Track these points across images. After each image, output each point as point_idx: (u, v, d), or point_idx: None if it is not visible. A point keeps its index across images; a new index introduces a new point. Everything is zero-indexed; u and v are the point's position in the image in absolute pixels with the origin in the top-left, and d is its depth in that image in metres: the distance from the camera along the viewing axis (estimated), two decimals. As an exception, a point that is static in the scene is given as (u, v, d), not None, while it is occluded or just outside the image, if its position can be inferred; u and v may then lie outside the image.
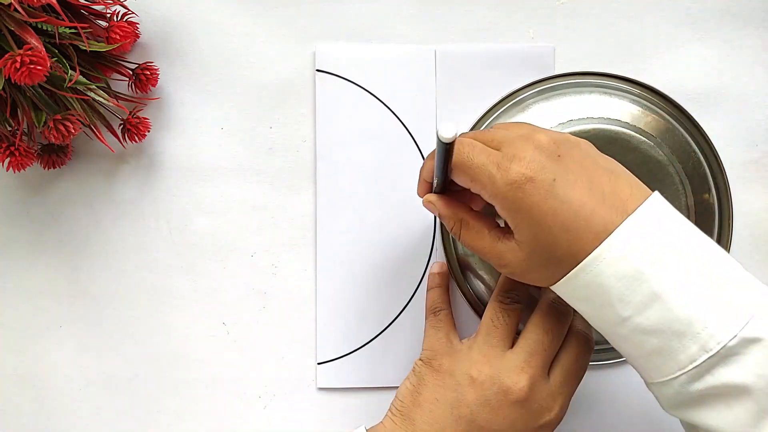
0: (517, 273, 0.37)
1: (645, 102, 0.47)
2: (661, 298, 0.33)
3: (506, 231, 0.37)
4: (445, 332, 0.44)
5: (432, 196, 0.40)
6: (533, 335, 0.40)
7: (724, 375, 0.32)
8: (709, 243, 0.34)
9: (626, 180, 0.35)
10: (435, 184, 0.39)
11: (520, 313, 0.42)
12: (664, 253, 0.33)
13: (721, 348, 0.32)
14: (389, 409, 0.42)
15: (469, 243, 0.38)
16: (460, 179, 0.37)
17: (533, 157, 0.34)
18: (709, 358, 0.32)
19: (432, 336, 0.44)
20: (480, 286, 0.47)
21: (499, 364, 0.39)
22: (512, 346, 0.41)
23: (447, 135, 0.32)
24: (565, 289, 0.35)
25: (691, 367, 0.33)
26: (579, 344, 0.41)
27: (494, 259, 0.38)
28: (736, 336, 0.32)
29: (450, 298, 0.46)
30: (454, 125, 0.33)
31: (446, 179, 0.38)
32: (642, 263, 0.33)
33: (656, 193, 0.35)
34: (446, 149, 0.34)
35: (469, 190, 0.37)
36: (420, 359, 0.43)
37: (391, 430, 0.41)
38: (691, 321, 0.32)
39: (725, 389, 0.32)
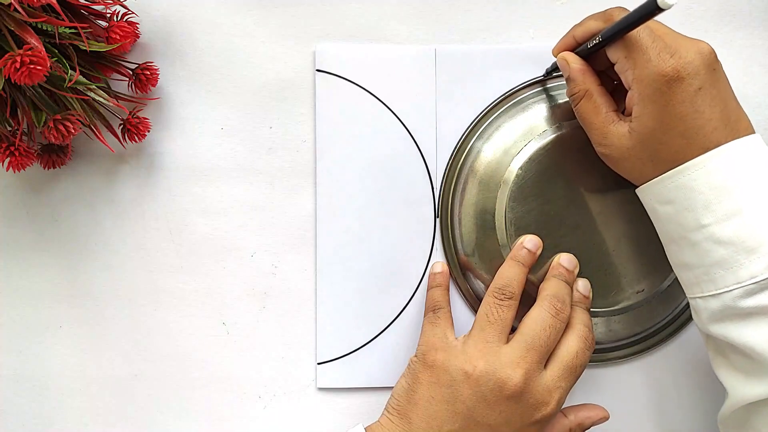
0: (613, 157, 0.39)
1: (645, 102, 0.47)
2: (743, 213, 0.35)
3: (622, 116, 0.39)
4: (442, 329, 0.44)
5: (570, 55, 0.41)
6: (530, 330, 0.40)
7: None
8: None
9: (746, 116, 0.38)
10: (583, 47, 0.40)
11: (515, 309, 0.42)
12: (758, 178, 0.35)
13: None
14: (386, 408, 0.43)
15: (583, 114, 0.40)
16: (616, 52, 0.38)
17: (692, 59, 0.36)
18: None
19: (428, 332, 0.44)
20: (480, 286, 0.47)
21: (494, 360, 0.39)
22: (507, 341, 0.41)
23: (671, 1, 0.33)
24: (655, 188, 0.38)
25: (749, 282, 0.35)
26: (579, 340, 0.41)
27: (599, 137, 0.40)
28: None
29: (449, 298, 0.46)
30: None
31: (600, 49, 0.39)
32: (736, 180, 0.35)
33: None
34: (649, 15, 0.35)
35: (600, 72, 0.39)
36: (415, 355, 0.43)
37: (389, 428, 0.41)
38: (765, 240, 0.35)
39: None
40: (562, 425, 0.43)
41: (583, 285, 0.44)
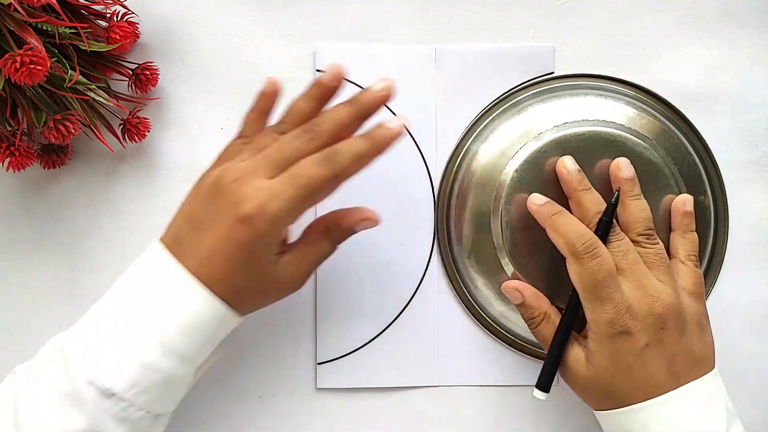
0: (569, 380, 0.41)
1: (640, 104, 0.47)
2: None
3: (579, 339, 0.41)
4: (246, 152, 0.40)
5: (517, 283, 0.42)
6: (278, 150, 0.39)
7: None
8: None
9: (704, 364, 0.39)
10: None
11: (301, 153, 0.39)
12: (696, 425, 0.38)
13: None
14: None
15: (545, 336, 0.41)
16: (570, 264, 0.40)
17: (643, 318, 0.38)
18: None
19: (226, 149, 0.42)
20: (477, 290, 0.47)
21: (234, 164, 0.38)
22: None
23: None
24: (612, 419, 0.39)
25: None
26: (317, 164, 0.38)
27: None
28: None
29: (266, 120, 0.44)
30: None
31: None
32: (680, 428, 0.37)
33: (714, 371, 0.39)
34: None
35: None
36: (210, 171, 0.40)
37: (168, 232, 0.41)
38: None
39: None
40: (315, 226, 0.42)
41: None
